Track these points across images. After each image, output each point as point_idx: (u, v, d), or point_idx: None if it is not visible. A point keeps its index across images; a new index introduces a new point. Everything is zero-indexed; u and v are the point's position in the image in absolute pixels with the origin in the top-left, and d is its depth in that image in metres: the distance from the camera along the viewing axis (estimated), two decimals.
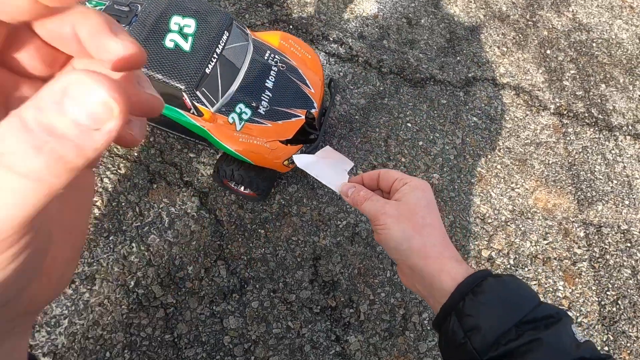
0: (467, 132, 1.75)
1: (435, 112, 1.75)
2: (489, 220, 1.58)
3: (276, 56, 1.18)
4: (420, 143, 1.66)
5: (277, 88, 1.13)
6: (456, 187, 1.61)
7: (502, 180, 1.68)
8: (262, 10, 1.74)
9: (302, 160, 0.57)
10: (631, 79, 2.17)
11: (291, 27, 1.74)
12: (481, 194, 1.62)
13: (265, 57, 1.16)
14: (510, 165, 1.73)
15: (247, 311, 1.20)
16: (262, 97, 1.10)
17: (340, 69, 1.71)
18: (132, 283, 1.16)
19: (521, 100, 1.92)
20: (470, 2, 2.16)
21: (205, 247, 1.25)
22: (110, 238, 1.20)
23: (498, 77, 1.95)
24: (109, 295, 1.13)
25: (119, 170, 1.29)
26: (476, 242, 1.52)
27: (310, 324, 1.23)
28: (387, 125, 1.66)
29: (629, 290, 1.57)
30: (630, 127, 2.00)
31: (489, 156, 1.72)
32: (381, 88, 1.73)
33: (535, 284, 1.50)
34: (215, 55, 1.02)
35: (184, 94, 0.98)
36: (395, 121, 1.68)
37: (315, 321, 1.24)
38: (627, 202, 1.77)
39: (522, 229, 1.59)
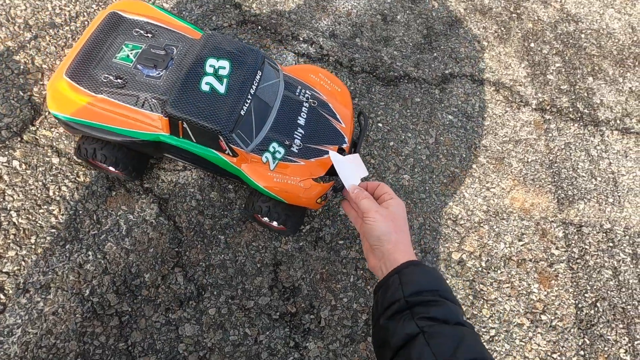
0: (442, 131, 1.70)
1: (408, 111, 1.71)
2: (461, 222, 1.54)
3: (307, 91, 1.18)
4: (391, 143, 1.62)
5: (309, 124, 1.13)
6: (427, 188, 1.57)
7: (476, 180, 1.63)
8: (229, 11, 1.72)
9: (336, 157, 0.82)
10: (621, 71, 2.08)
11: (259, 27, 1.72)
12: (454, 195, 1.58)
13: (297, 93, 1.16)
14: (486, 164, 1.68)
15: (203, 318, 1.19)
16: (294, 135, 1.10)
17: None
18: (87, 291, 1.16)
19: (501, 97, 1.86)
20: None
21: (163, 254, 1.25)
22: (67, 247, 1.20)
23: (477, 73, 1.90)
24: (63, 304, 1.13)
25: (77, 179, 1.29)
26: (446, 245, 1.48)
27: (269, 330, 1.22)
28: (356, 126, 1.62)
29: (609, 292, 1.51)
30: (618, 122, 1.93)
31: (464, 155, 1.68)
32: (352, 88, 1.70)
33: (508, 287, 1.46)
34: (249, 97, 1.02)
35: (220, 136, 0.98)
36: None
37: (273, 327, 1.22)
38: (611, 200, 1.70)
39: (496, 230, 1.55)
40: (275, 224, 1.24)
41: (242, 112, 1.01)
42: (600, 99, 1.98)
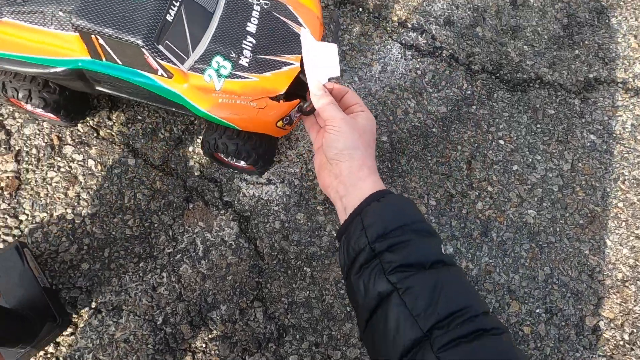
0: (580, 154, 1.34)
1: (538, 126, 1.36)
2: (600, 277, 1.21)
3: None
4: (515, 167, 1.30)
5: (261, 31, 0.91)
6: (558, 229, 1.25)
7: (623, 223, 1.28)
8: None
9: (307, 40, 0.64)
10: None
11: (361, 9, 1.42)
12: (592, 241, 1.25)
13: None
14: (637, 204, 1.31)
15: None
16: (243, 45, 0.89)
17: (417, 66, 1.37)
18: (160, 320, 1.03)
19: None
20: None
21: (241, 283, 1.09)
22: (140, 264, 1.07)
23: (631, 80, 1.47)
24: (135, 332, 1.02)
25: (153, 185, 1.14)
26: (579, 306, 1.18)
27: None
28: (472, 141, 1.32)
29: None
30: None
31: (608, 190, 1.32)
32: (469, 92, 1.38)
33: None
34: None
35: (144, 50, 0.79)
36: (484, 137, 1.33)
37: None
38: None
39: None
40: (243, 163, 1.05)
41: (169, 18, 0.80)
42: None
